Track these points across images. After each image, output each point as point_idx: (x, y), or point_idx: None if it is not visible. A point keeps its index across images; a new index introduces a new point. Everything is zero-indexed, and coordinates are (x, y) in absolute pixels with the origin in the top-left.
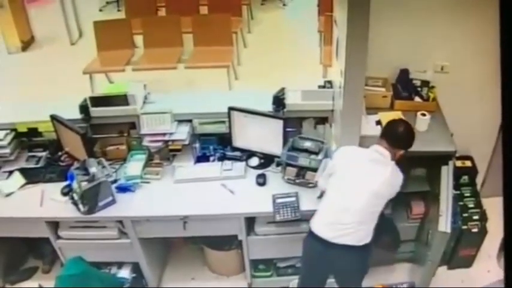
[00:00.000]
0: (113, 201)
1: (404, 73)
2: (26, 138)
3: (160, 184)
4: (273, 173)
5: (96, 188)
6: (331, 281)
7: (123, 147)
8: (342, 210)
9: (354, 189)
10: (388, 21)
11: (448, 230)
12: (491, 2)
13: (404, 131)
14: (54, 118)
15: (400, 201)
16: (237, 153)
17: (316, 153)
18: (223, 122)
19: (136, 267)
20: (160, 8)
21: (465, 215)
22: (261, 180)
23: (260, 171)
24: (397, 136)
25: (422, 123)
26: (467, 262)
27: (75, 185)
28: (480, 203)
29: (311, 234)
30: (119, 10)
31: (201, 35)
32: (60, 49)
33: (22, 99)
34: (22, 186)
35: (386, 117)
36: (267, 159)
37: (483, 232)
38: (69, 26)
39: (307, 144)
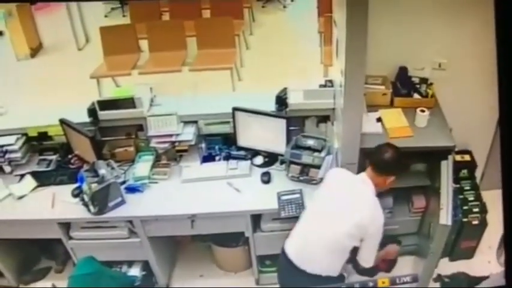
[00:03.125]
0: (122, 202)
1: (403, 71)
2: (36, 142)
3: (168, 184)
4: (277, 171)
5: (106, 189)
6: None
7: (131, 148)
8: (312, 239)
9: (328, 221)
10: (386, 20)
11: (449, 223)
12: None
13: (390, 156)
14: (63, 122)
15: (401, 196)
16: (242, 153)
17: (319, 151)
18: (228, 122)
19: (146, 266)
20: (164, 13)
21: (465, 207)
22: (266, 178)
23: (265, 170)
24: (384, 162)
25: (421, 119)
26: (469, 254)
27: (85, 186)
28: (480, 195)
29: (283, 253)
30: (124, 16)
31: (204, 38)
32: (67, 55)
33: (32, 105)
34: (34, 189)
35: (386, 114)
36: (271, 158)
37: (483, 224)
38: (76, 32)
39: (310, 142)
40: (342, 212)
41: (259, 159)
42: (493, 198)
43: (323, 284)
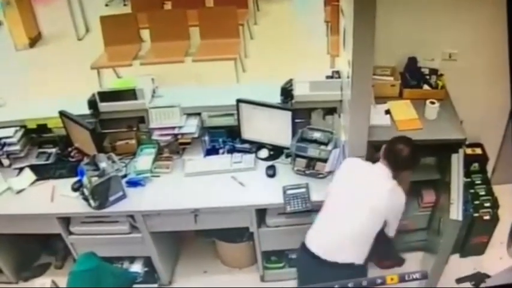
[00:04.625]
0: (124, 196)
1: (412, 61)
2: (35, 135)
3: (171, 178)
4: (282, 165)
5: (107, 183)
6: None
7: (133, 141)
8: (335, 228)
9: (349, 208)
10: (395, 9)
11: (460, 218)
12: None
13: (407, 153)
14: (63, 114)
15: (411, 190)
16: (246, 146)
17: (326, 144)
18: (232, 114)
19: (148, 262)
20: (166, 2)
21: (476, 202)
22: (271, 172)
23: (270, 163)
24: (400, 161)
25: (431, 111)
26: (480, 250)
27: (85, 180)
28: (491, 190)
29: (304, 248)
30: (125, 5)
31: (208, 28)
32: (67, 45)
33: (30, 96)
34: (33, 182)
35: (395, 106)
36: (277, 151)
37: (495, 219)
38: (75, 21)
39: (316, 135)
40: (363, 200)
41: (264, 153)
42: (505, 193)
43: (352, 274)
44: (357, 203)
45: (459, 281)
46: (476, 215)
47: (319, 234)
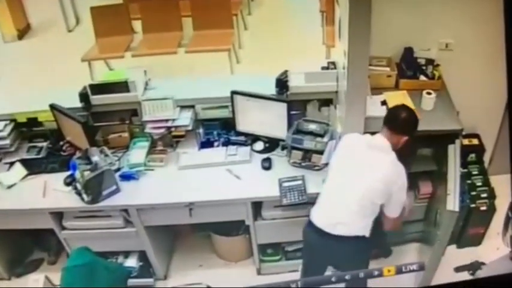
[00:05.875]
0: (117, 190)
1: (408, 52)
2: (25, 129)
3: (165, 171)
4: (278, 157)
5: (100, 177)
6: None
7: (125, 134)
8: (338, 200)
9: (351, 179)
10: None
11: (457, 209)
12: None
13: (407, 116)
14: (53, 107)
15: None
16: (242, 138)
17: (322, 136)
18: (226, 106)
19: (143, 256)
20: None
21: (473, 193)
22: (267, 165)
23: (265, 156)
24: (399, 121)
25: (427, 102)
26: (476, 240)
27: (77, 174)
28: (488, 180)
29: (309, 223)
30: None
31: (201, 19)
32: (57, 37)
33: (20, 89)
34: (24, 177)
35: (391, 97)
36: (272, 143)
37: (492, 210)
38: (65, 12)
39: (312, 127)
40: (365, 171)
41: (259, 145)
42: (501, 183)
43: (358, 245)
44: (359, 176)
45: (458, 269)
46: (473, 205)
47: (322, 207)
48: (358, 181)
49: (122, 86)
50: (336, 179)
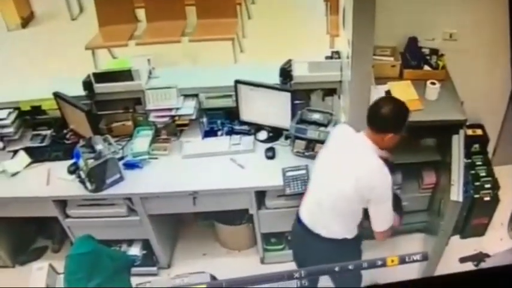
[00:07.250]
0: (121, 178)
1: (412, 41)
2: (29, 117)
3: (168, 160)
4: (281, 147)
5: (103, 166)
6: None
7: (129, 123)
8: (316, 200)
9: (328, 180)
10: None
11: (460, 199)
12: None
13: (387, 111)
14: (57, 95)
15: (411, 172)
16: (245, 127)
17: (325, 126)
18: (230, 95)
19: (146, 244)
20: None
21: (477, 183)
22: (270, 154)
23: (269, 145)
24: (378, 118)
25: (432, 92)
26: (480, 231)
27: (81, 162)
28: (492, 171)
29: (298, 219)
30: None
31: (204, 7)
32: (60, 25)
33: (24, 77)
34: (28, 165)
35: (395, 87)
36: (276, 133)
37: (495, 200)
38: (69, 0)
39: (316, 117)
40: (343, 171)
41: (263, 134)
42: (505, 174)
43: (339, 248)
44: (334, 177)
45: (462, 260)
46: (476, 196)
47: (306, 203)
48: (333, 183)
49: (126, 75)
50: (317, 178)
